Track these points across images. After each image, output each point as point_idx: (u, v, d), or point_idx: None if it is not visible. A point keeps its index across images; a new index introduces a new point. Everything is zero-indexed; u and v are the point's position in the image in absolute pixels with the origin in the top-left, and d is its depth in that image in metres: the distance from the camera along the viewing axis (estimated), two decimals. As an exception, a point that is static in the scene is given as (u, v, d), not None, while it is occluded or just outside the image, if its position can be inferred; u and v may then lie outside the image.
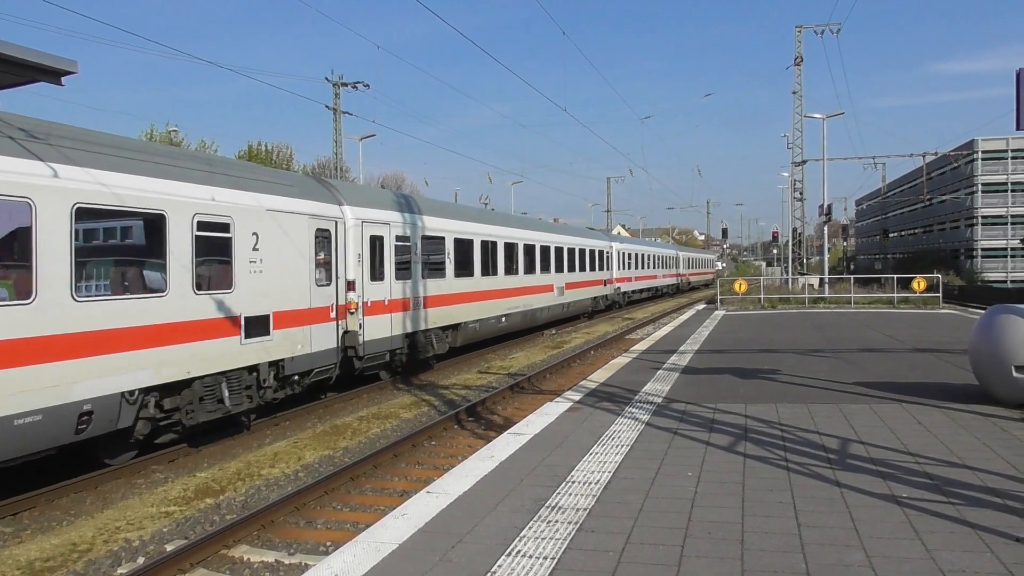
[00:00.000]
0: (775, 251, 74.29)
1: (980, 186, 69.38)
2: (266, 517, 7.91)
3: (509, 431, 8.38)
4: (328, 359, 13.90)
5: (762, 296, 32.47)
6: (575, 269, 31.05)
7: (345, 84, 39.22)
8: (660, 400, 10.05)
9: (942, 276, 35.63)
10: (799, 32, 43.44)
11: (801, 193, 46.14)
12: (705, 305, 34.84)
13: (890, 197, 72.46)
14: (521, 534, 5.10)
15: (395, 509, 5.78)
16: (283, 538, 7.61)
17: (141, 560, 7.14)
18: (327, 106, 39.49)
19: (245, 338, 11.50)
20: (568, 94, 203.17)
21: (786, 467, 6.64)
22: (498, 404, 13.96)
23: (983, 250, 69.44)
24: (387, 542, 5.01)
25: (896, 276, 34.65)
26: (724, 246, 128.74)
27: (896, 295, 31.52)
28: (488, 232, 22.05)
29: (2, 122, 8.34)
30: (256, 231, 11.88)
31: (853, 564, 4.47)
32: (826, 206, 41.38)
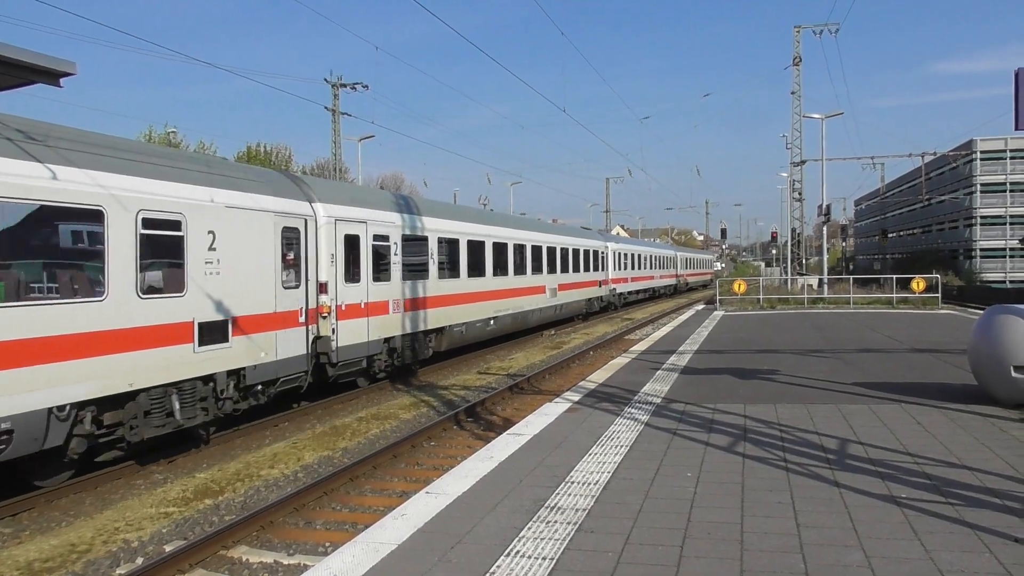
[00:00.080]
0: (774, 251, 74.26)
1: (979, 186, 69.38)
2: (265, 518, 7.92)
3: (508, 432, 8.39)
4: (297, 367, 12.91)
5: (761, 296, 32.47)
6: (568, 270, 30.44)
7: (344, 85, 39.27)
8: (659, 400, 10.06)
9: (941, 276, 35.60)
10: (798, 32, 43.43)
11: (800, 193, 46.13)
12: (704, 306, 34.86)
13: (889, 197, 72.47)
14: (520, 534, 5.10)
15: (394, 510, 5.79)
16: (282, 539, 7.61)
17: (140, 561, 7.15)
18: (326, 107, 39.62)
19: (199, 346, 10.59)
20: (567, 94, 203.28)
21: (785, 467, 6.65)
22: (497, 405, 13.97)
23: (982, 250, 69.44)
24: (386, 542, 5.01)
25: (895, 276, 34.63)
26: (723, 246, 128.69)
27: (895, 295, 31.54)
28: (475, 231, 21.11)
29: None
30: (212, 229, 10.95)
31: (852, 564, 4.47)
32: (825, 206, 41.37)
